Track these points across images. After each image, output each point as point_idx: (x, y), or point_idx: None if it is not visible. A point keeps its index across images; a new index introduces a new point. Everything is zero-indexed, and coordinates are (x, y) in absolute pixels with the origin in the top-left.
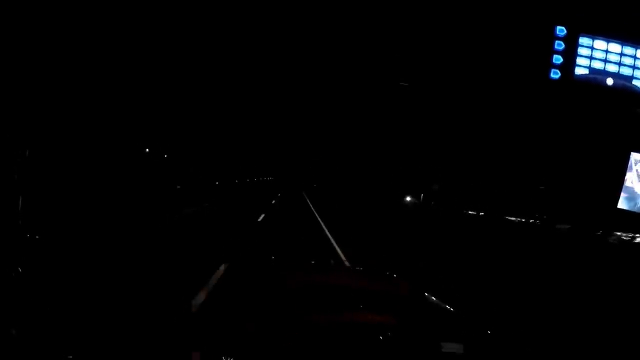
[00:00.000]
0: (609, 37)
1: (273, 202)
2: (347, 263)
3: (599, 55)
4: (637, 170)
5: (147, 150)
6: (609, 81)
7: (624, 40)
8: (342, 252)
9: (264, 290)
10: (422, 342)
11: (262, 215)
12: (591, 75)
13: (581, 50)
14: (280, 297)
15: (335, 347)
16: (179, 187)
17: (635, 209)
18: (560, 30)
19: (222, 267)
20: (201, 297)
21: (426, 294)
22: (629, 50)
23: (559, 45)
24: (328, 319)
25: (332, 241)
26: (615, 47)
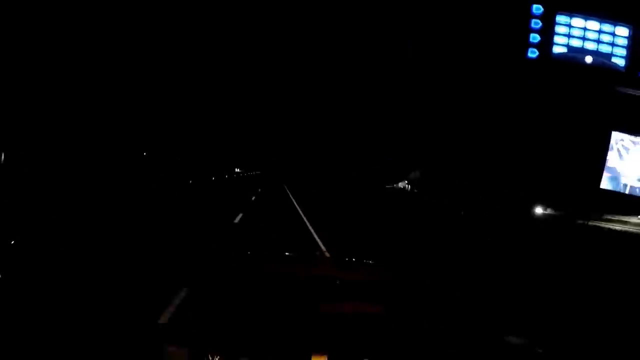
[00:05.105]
0: (586, 14)
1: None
2: (327, 254)
3: (577, 33)
4: (618, 150)
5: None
6: (588, 59)
7: (602, 17)
8: (322, 242)
9: (245, 284)
10: (410, 329)
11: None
12: (570, 54)
13: (559, 29)
14: (263, 290)
15: (323, 337)
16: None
17: (618, 189)
18: (537, 8)
19: (201, 261)
20: (181, 294)
21: (414, 282)
22: (607, 27)
23: (536, 23)
24: (314, 310)
25: (312, 232)
26: (593, 24)
